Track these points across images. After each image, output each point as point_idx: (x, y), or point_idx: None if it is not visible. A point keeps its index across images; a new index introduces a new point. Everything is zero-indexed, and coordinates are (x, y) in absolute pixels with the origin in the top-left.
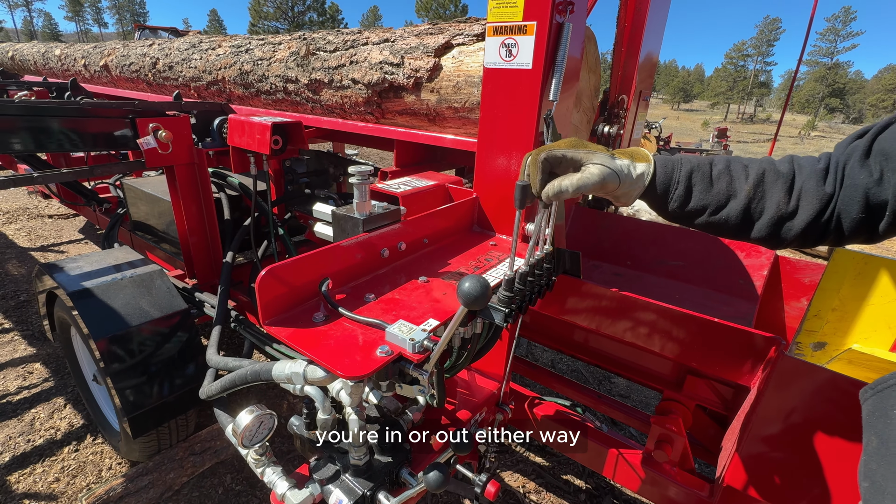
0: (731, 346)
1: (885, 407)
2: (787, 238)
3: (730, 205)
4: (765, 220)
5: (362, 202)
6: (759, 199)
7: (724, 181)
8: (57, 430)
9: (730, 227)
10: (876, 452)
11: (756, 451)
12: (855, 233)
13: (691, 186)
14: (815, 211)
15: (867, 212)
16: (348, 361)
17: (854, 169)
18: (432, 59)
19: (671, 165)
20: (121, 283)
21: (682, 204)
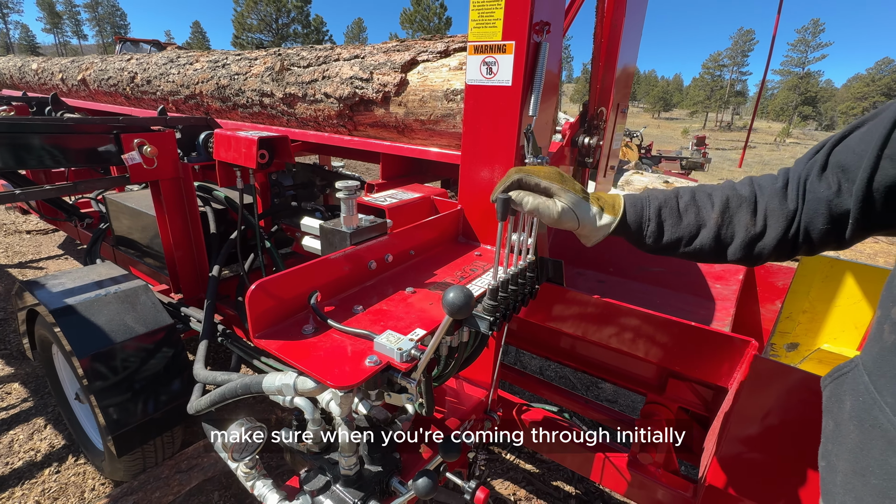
0: (708, 348)
1: (840, 393)
2: (762, 256)
3: (701, 234)
4: (737, 243)
5: (349, 216)
6: (727, 225)
7: (692, 213)
8: (37, 452)
9: (706, 254)
10: (832, 434)
11: (735, 451)
12: (824, 242)
13: (662, 222)
14: (782, 228)
15: (832, 222)
16: (338, 371)
17: (814, 184)
18: (399, 75)
19: (640, 204)
20: (104, 299)
21: (656, 239)
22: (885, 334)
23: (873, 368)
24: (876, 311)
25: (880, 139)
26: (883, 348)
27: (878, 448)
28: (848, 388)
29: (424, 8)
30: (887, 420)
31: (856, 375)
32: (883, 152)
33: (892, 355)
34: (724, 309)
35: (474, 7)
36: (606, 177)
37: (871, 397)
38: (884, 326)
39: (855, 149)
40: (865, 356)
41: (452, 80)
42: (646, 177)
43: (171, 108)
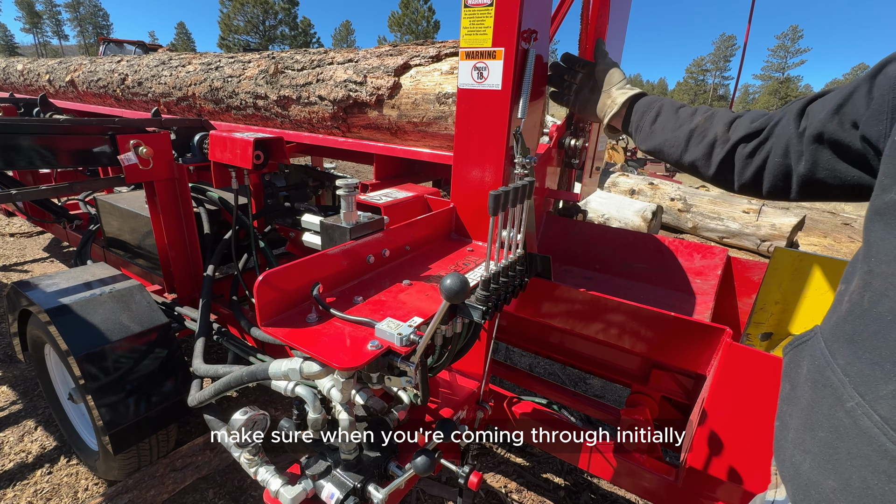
0: (688, 338)
1: (798, 359)
2: (713, 163)
3: (681, 129)
4: (702, 144)
5: (349, 212)
6: (704, 129)
7: (686, 113)
8: (28, 454)
9: (675, 147)
10: (787, 397)
11: (712, 432)
12: (774, 180)
13: (659, 114)
14: (737, 138)
15: (785, 157)
16: (342, 355)
17: (788, 121)
18: (392, 78)
19: (654, 99)
20: (99, 298)
21: (650, 123)
22: (843, 305)
23: (829, 335)
24: (839, 285)
25: (842, 97)
26: (839, 317)
27: (827, 404)
28: (806, 353)
29: (413, 11)
30: (837, 378)
31: (814, 342)
32: (839, 109)
33: (846, 323)
34: (703, 303)
35: (466, 15)
36: (592, 177)
37: (825, 360)
38: (843, 298)
39: (825, 100)
40: (824, 325)
41: (444, 83)
42: (631, 178)
43: (162, 109)
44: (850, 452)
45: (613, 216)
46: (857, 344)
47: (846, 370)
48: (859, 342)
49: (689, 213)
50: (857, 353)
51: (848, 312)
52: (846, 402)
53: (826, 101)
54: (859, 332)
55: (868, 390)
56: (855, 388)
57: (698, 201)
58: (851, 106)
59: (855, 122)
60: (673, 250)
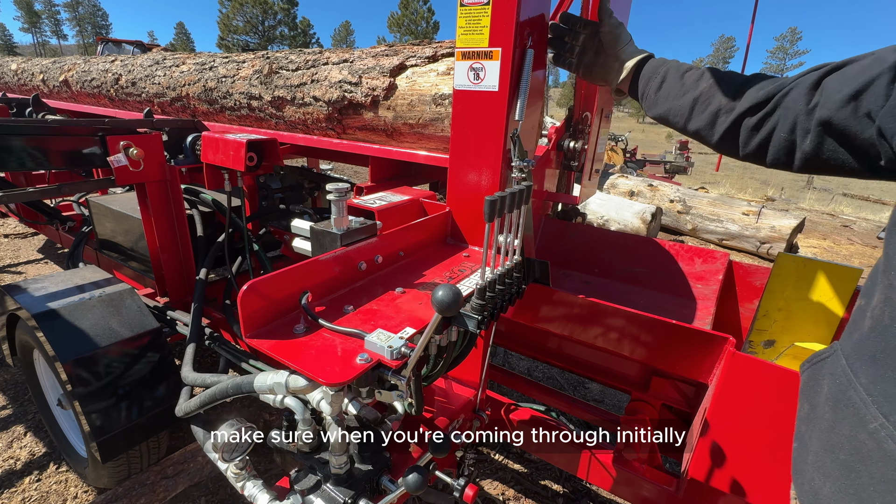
0: (689, 346)
1: (818, 377)
2: (717, 132)
3: (685, 96)
4: (706, 113)
5: (340, 218)
6: (709, 95)
7: (691, 78)
8: (17, 460)
9: (680, 114)
10: (806, 416)
11: (715, 444)
12: (777, 153)
13: (665, 79)
14: (743, 108)
15: (791, 134)
16: (329, 369)
17: (799, 94)
18: (388, 79)
19: (660, 63)
20: (89, 302)
21: (656, 90)
22: (865, 321)
23: (851, 353)
24: (858, 300)
25: (861, 84)
26: (861, 334)
27: (849, 425)
28: (826, 371)
29: (412, 12)
30: (860, 398)
31: (834, 360)
32: (856, 96)
33: (869, 340)
34: (704, 308)
35: (462, 14)
36: (591, 179)
37: (846, 379)
38: (865, 314)
39: (846, 79)
40: (844, 342)
41: (440, 84)
42: (631, 180)
43: (156, 110)
44: (874, 477)
45: (612, 218)
46: (880, 362)
47: (869, 390)
48: (882, 360)
49: (688, 214)
50: (880, 372)
51: (870, 329)
52: (869, 424)
53: (843, 82)
54: (882, 349)
55: (892, 411)
56: (878, 408)
57: (697, 203)
58: (870, 96)
59: (870, 113)
60: (673, 254)
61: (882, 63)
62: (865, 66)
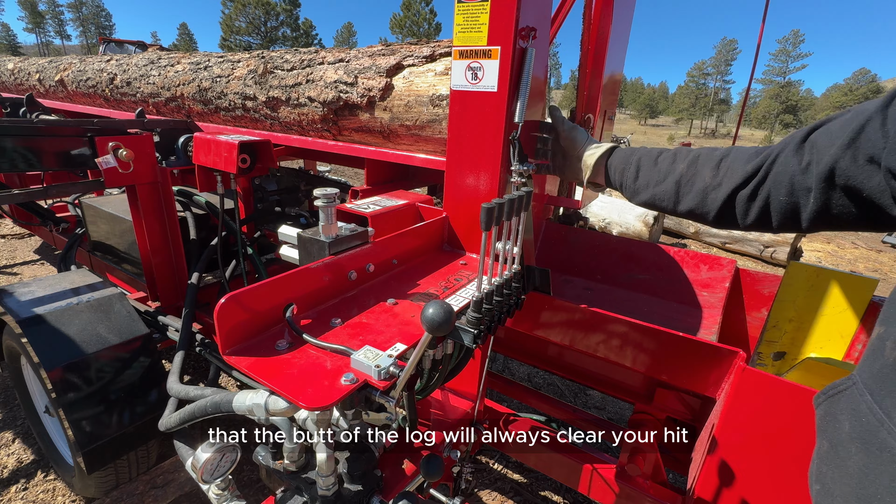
0: (696, 359)
1: (835, 412)
2: (711, 210)
3: (666, 180)
4: (693, 192)
5: (328, 225)
6: (691, 176)
7: (666, 161)
8: (4, 468)
9: (666, 200)
10: (826, 456)
11: (724, 462)
12: (782, 217)
13: (640, 168)
14: (735, 184)
15: (791, 196)
16: (311, 391)
17: (788, 157)
18: (384, 79)
19: (629, 152)
20: (76, 308)
21: (633, 180)
22: (888, 351)
23: (875, 387)
24: (876, 327)
25: (852, 131)
26: (884, 366)
27: (888, 474)
28: (845, 406)
29: (414, 14)
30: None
31: (854, 394)
32: (851, 143)
33: (894, 373)
34: (710, 317)
35: (459, 11)
36: None
37: (876, 418)
38: (885, 343)
39: (832, 132)
40: (863, 373)
41: (438, 85)
42: None
43: (151, 110)
44: None
45: (614, 220)
46: None
47: None
48: None
49: None
50: None
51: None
52: None
53: (832, 133)
54: None
55: None
56: None
57: None
58: (865, 140)
59: (872, 157)
60: (678, 261)
61: (865, 112)
62: (848, 119)
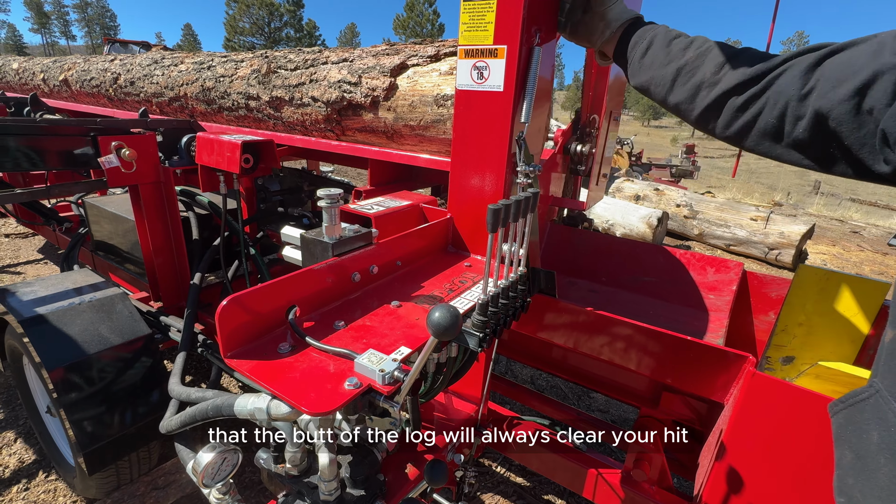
0: (704, 363)
1: (859, 421)
2: (697, 108)
3: (669, 66)
4: (688, 84)
5: (331, 225)
6: (694, 67)
7: (678, 46)
8: (5, 468)
9: (661, 86)
10: (851, 467)
11: (732, 468)
12: (760, 138)
13: (651, 45)
14: (728, 86)
15: (780, 120)
16: (314, 396)
17: (793, 77)
18: (388, 79)
19: (649, 27)
20: (78, 308)
21: (640, 57)
22: None
23: None
24: (889, 330)
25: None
26: None
27: None
28: (871, 416)
29: (417, 14)
30: None
31: (878, 403)
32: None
33: None
34: (717, 320)
35: (465, 10)
36: (599, 184)
37: None
38: None
39: (845, 66)
40: (886, 380)
41: (443, 84)
42: (636, 184)
43: (154, 109)
44: None
45: (618, 222)
46: None
47: None
48: None
49: (695, 219)
50: None
51: None
52: None
53: (844, 71)
54: None
55: None
56: None
57: (704, 208)
58: (874, 94)
59: (871, 110)
60: (684, 263)
61: (884, 59)
62: (869, 53)
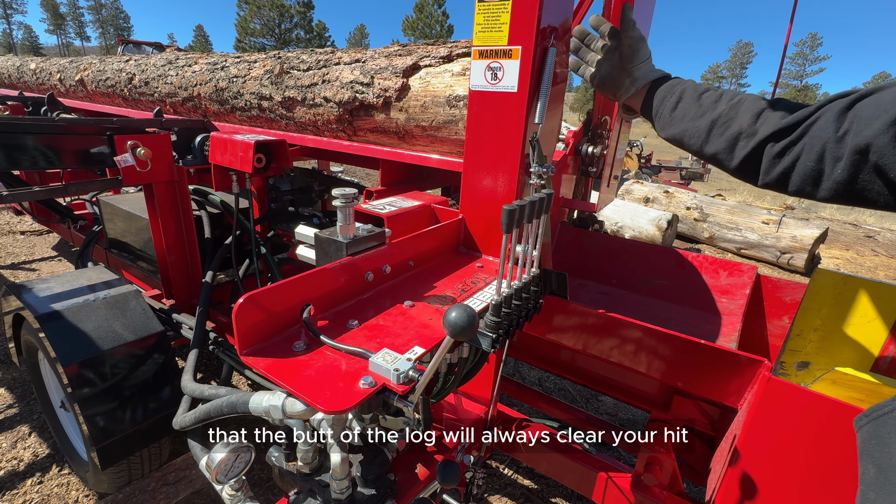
0: (717, 367)
1: (882, 434)
2: (736, 158)
3: (703, 118)
4: (725, 135)
5: (346, 225)
6: (728, 119)
7: (709, 99)
8: (20, 461)
9: (696, 137)
10: (874, 482)
11: (745, 474)
12: (802, 183)
13: (681, 98)
14: (766, 134)
15: (818, 163)
16: (329, 394)
17: (827, 121)
18: (400, 80)
19: (676, 82)
20: (93, 304)
21: (671, 110)
22: None
23: None
24: None
25: None
26: None
27: None
28: (894, 429)
29: (427, 16)
30: None
31: None
32: None
33: None
34: (730, 324)
35: (480, 11)
36: (610, 186)
37: None
38: None
39: (880, 105)
40: None
41: (455, 85)
42: (646, 186)
43: (168, 109)
44: None
45: (627, 225)
46: None
47: None
48: None
49: (705, 222)
50: None
51: None
52: None
53: (879, 106)
54: None
55: None
56: None
57: (715, 210)
58: None
59: None
60: (696, 266)
61: None
62: None
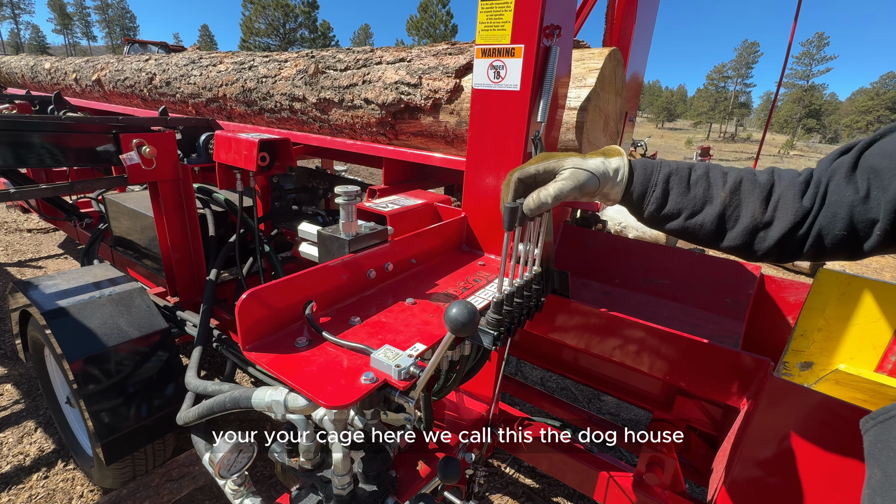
0: (719, 367)
1: (889, 438)
2: (760, 249)
3: (705, 210)
4: (739, 228)
5: (348, 222)
6: (734, 207)
7: (701, 186)
8: (26, 456)
9: (704, 233)
10: (880, 486)
11: (747, 474)
12: (836, 250)
13: (668, 190)
14: (790, 223)
15: (851, 229)
16: (331, 389)
17: (840, 185)
18: (453, 80)
19: (650, 168)
20: (98, 301)
21: (658, 207)
22: None
23: None
24: None
25: None
26: None
27: None
28: None
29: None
30: None
31: None
32: None
33: None
34: (733, 324)
35: (483, 9)
36: None
37: None
38: None
39: (892, 153)
40: None
41: None
42: None
43: (190, 111)
44: None
45: (630, 224)
46: None
47: None
48: None
49: None
50: None
51: None
52: None
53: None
54: None
55: None
56: None
57: None
58: None
59: None
60: (700, 266)
61: None
62: None
